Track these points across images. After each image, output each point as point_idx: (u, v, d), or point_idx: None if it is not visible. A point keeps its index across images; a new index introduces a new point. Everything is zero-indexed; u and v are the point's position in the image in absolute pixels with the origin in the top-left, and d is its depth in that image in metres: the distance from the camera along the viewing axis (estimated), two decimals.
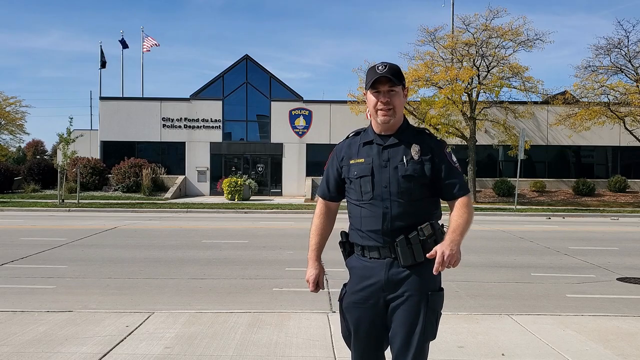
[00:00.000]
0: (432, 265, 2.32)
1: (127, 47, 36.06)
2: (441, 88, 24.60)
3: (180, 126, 30.06)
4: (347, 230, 2.66)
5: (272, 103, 30.19)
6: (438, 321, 2.54)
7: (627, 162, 30.14)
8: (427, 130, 2.61)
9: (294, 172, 29.86)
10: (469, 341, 4.64)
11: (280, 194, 29.56)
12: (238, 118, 30.50)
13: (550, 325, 5.15)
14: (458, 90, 23.91)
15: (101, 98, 31.26)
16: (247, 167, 30.41)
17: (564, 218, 20.07)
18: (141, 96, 34.02)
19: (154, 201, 24.35)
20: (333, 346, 4.44)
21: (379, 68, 2.44)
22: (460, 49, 25.29)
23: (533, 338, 4.76)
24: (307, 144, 29.92)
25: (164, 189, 27.63)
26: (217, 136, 30.20)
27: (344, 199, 2.69)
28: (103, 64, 33.99)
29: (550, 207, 23.44)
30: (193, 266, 8.65)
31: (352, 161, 2.54)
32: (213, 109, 30.07)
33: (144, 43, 35.15)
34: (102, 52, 34.21)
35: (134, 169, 27.22)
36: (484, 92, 25.36)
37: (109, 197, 25.20)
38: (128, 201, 23.82)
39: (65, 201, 22.46)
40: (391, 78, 2.43)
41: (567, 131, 27.02)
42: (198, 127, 30.08)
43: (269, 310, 5.74)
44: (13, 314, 5.35)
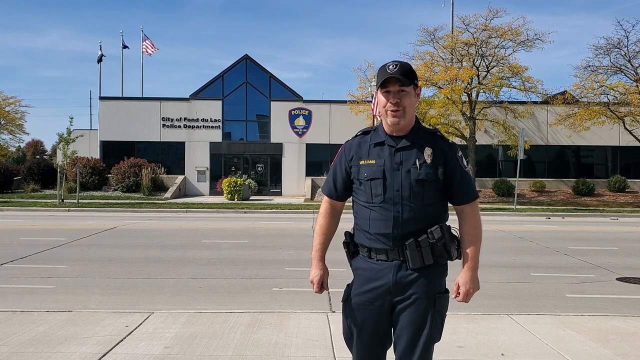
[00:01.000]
0: (439, 267, 2.44)
1: (127, 48, 36.05)
2: (441, 88, 24.60)
3: (180, 126, 30.06)
4: (351, 230, 2.62)
5: (272, 103, 30.19)
6: (443, 323, 2.53)
7: (627, 162, 30.15)
8: (439, 132, 2.56)
9: (294, 172, 29.86)
10: (469, 341, 4.64)
11: (280, 194, 29.56)
12: (238, 118, 30.50)
13: (550, 325, 5.15)
14: (458, 90, 23.91)
15: (101, 98, 31.25)
16: (247, 167, 30.41)
17: (564, 218, 20.07)
18: (141, 96, 34.03)
19: (154, 201, 24.35)
20: (333, 346, 4.44)
21: (390, 67, 2.39)
22: (460, 49, 25.30)
23: (533, 338, 4.75)
24: (307, 144, 29.92)
25: (164, 189, 27.63)
26: (217, 136, 30.20)
27: (350, 198, 2.66)
28: (100, 59, 33.98)
29: (549, 207, 23.44)
30: (193, 266, 8.65)
31: (363, 162, 2.48)
32: (213, 109, 30.07)
33: (145, 44, 35.10)
34: (101, 49, 34.26)
35: (134, 169, 27.22)
36: (484, 92, 25.38)
37: (109, 197, 25.20)
38: (128, 201, 23.81)
39: (64, 201, 22.46)
40: (401, 78, 2.37)
41: (567, 131, 27.04)
42: (198, 127, 30.08)
43: (269, 310, 5.73)
44: (12, 314, 5.34)
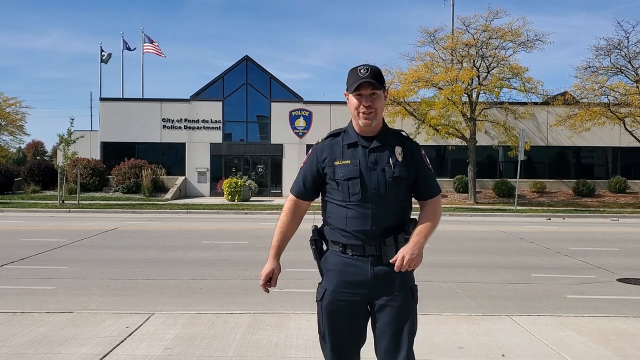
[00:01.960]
0: None
1: (134, 49, 36.02)
2: (441, 89, 24.60)
3: (180, 127, 30.07)
4: (320, 228, 2.65)
5: (272, 104, 30.21)
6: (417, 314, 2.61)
7: (627, 163, 30.13)
8: (404, 131, 2.68)
9: (294, 173, 29.28)
10: (469, 342, 4.64)
11: (280, 195, 29.55)
12: (238, 119, 30.51)
13: (550, 326, 5.14)
14: (458, 91, 23.91)
15: (101, 99, 31.28)
16: (247, 168, 30.42)
17: (564, 219, 20.07)
18: (141, 97, 34.05)
19: (154, 202, 24.36)
20: None
21: (362, 71, 2.47)
22: (460, 50, 25.31)
23: (533, 339, 4.75)
24: (307, 145, 29.88)
25: (164, 190, 27.63)
26: (217, 137, 30.21)
27: (317, 199, 2.71)
28: (105, 60, 34.02)
29: (550, 208, 23.44)
30: (193, 267, 8.65)
31: (338, 163, 2.54)
32: (213, 110, 30.08)
33: (146, 44, 35.09)
34: (102, 50, 34.27)
35: (134, 170, 27.23)
36: (484, 93, 25.38)
37: (109, 198, 25.21)
38: (128, 202, 23.82)
39: (65, 202, 22.48)
40: (374, 82, 2.46)
41: (567, 132, 27.04)
42: (198, 128, 30.09)
43: (269, 311, 5.73)
44: (13, 315, 5.34)
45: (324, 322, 2.57)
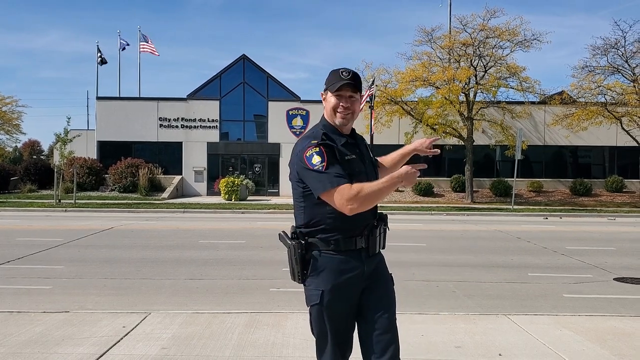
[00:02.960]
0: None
1: (128, 45, 36.01)
2: (438, 88, 24.63)
3: (177, 126, 30.03)
4: (294, 231, 2.66)
5: (270, 103, 30.19)
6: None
7: (624, 162, 30.20)
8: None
9: None
10: (466, 341, 4.64)
11: (277, 194, 29.55)
12: (235, 118, 30.48)
13: (547, 325, 5.15)
14: (455, 90, 23.93)
15: (98, 98, 31.20)
16: (244, 167, 30.39)
17: (561, 218, 20.10)
18: (138, 96, 33.98)
19: (151, 201, 24.32)
20: None
21: (344, 74, 2.55)
22: (457, 49, 25.33)
23: (530, 338, 4.76)
24: None
25: (161, 189, 27.59)
26: (214, 136, 30.18)
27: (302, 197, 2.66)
28: (103, 61, 33.95)
29: (547, 207, 23.49)
30: (190, 266, 8.63)
31: (348, 157, 2.56)
32: (210, 109, 30.04)
33: (143, 44, 35.01)
34: (99, 50, 34.18)
35: (131, 169, 27.17)
36: (482, 92, 25.42)
37: (106, 197, 25.16)
38: (125, 201, 23.77)
39: (61, 201, 22.43)
40: (354, 86, 2.56)
41: (565, 131, 27.10)
42: (195, 127, 30.05)
43: (266, 310, 5.73)
44: (9, 315, 5.32)
45: (327, 323, 2.54)
